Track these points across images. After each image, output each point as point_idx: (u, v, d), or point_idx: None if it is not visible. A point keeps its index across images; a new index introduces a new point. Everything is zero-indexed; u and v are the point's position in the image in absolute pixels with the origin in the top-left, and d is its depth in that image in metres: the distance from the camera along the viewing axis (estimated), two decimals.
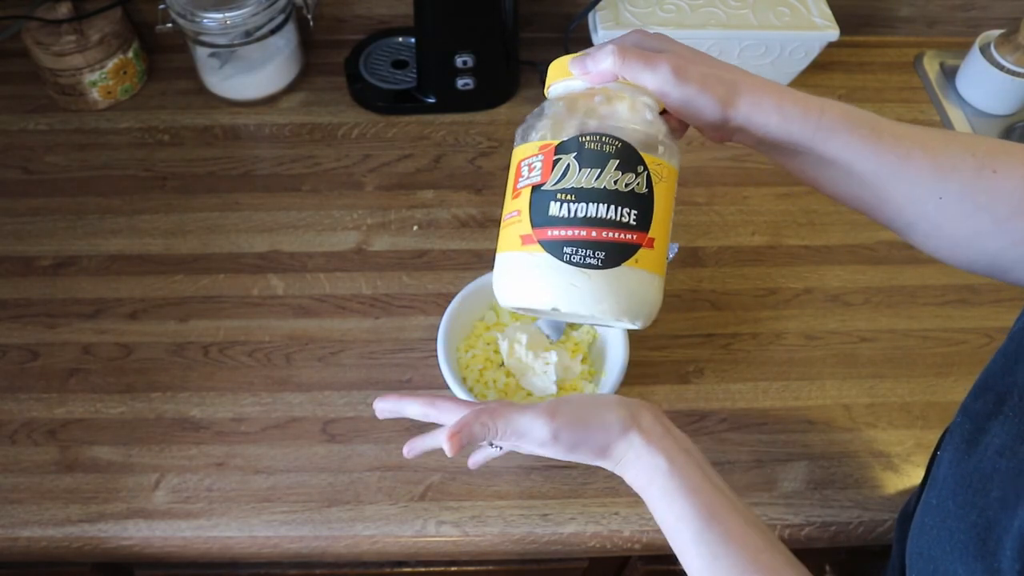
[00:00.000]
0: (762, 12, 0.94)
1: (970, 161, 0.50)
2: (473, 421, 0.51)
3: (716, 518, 0.49)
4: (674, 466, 0.51)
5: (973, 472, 0.43)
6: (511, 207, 0.50)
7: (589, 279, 0.47)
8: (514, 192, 0.50)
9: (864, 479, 0.71)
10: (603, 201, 0.47)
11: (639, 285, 0.48)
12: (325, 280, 0.82)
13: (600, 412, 0.52)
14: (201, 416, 0.73)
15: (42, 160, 0.91)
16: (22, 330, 0.78)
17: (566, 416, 0.52)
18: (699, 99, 0.49)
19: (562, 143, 0.48)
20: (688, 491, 0.50)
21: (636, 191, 0.47)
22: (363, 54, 1.01)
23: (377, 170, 0.91)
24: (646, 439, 0.51)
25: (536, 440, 0.51)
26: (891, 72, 1.04)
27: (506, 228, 0.50)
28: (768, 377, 0.77)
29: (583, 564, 0.78)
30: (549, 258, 0.47)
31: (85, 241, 0.84)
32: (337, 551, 0.67)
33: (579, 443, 0.51)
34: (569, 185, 0.47)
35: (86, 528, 0.66)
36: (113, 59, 0.94)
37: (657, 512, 0.52)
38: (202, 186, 0.89)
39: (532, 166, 0.49)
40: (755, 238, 0.87)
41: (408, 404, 0.56)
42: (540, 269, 0.47)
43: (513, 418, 0.52)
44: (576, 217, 0.46)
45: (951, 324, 0.81)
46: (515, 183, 0.50)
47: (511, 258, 0.49)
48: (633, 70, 0.48)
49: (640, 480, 0.52)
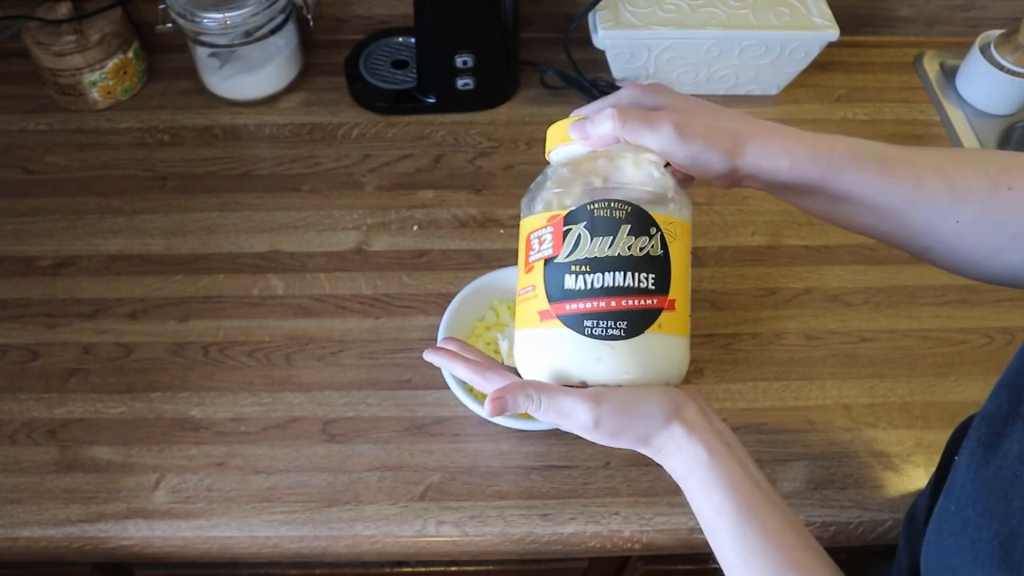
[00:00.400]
0: (762, 12, 0.94)
1: (984, 181, 0.49)
2: (519, 390, 0.51)
3: (753, 513, 0.49)
4: (714, 458, 0.50)
5: (993, 479, 0.42)
6: (525, 282, 0.49)
7: (613, 350, 0.46)
8: (527, 266, 0.49)
9: (864, 479, 0.71)
10: (619, 269, 0.46)
11: (664, 349, 0.48)
12: (325, 280, 0.82)
13: (644, 401, 0.51)
14: (201, 416, 0.73)
15: (42, 160, 0.91)
16: (22, 330, 0.78)
17: (610, 403, 0.51)
18: (705, 154, 0.48)
19: (570, 213, 0.47)
20: (727, 484, 0.50)
21: (651, 254, 0.46)
22: (363, 54, 1.01)
23: (377, 170, 0.91)
24: (687, 430, 0.51)
25: (578, 424, 0.51)
26: (891, 72, 1.04)
27: (523, 304, 0.49)
28: (768, 377, 0.77)
29: (583, 564, 0.78)
30: (570, 333, 0.46)
31: (85, 241, 0.84)
32: (337, 551, 0.67)
33: (621, 431, 0.51)
34: (582, 256, 0.46)
35: (86, 528, 0.66)
36: (113, 59, 0.94)
37: (695, 504, 0.51)
38: (202, 186, 0.89)
39: (542, 239, 0.48)
40: (755, 238, 0.87)
41: (458, 366, 0.56)
42: (562, 346, 0.47)
43: (558, 397, 0.51)
44: (593, 288, 0.46)
45: (951, 324, 0.81)
46: (527, 257, 0.49)
47: (531, 336, 0.49)
48: (634, 132, 0.48)
49: (679, 471, 0.52)
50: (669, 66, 0.95)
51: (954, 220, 0.50)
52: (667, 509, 0.68)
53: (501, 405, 0.51)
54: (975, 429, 0.46)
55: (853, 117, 0.99)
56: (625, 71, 0.96)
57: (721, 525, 0.49)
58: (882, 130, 0.96)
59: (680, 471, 0.52)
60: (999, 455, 0.43)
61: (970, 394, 0.76)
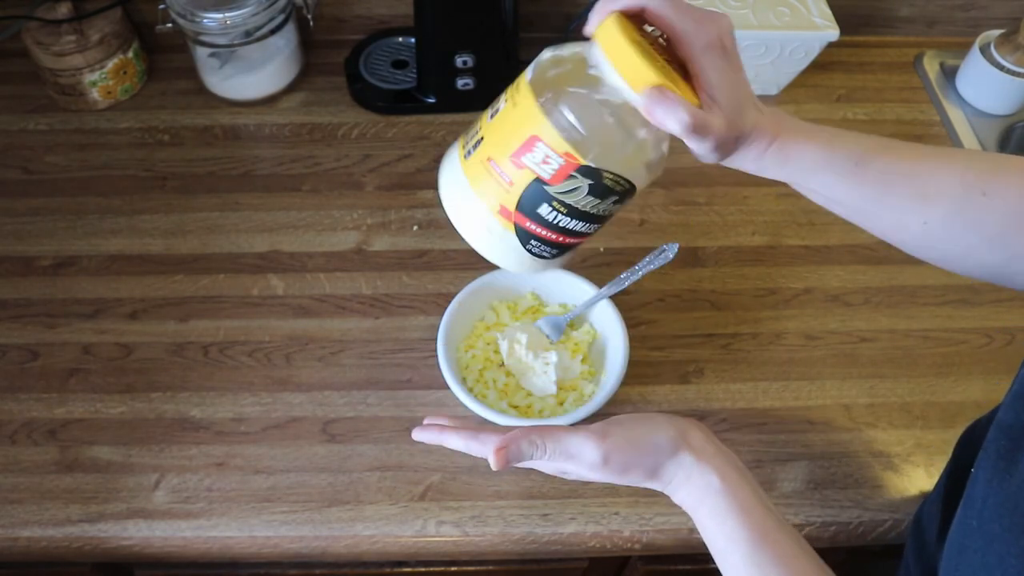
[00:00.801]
0: (762, 12, 0.93)
1: (957, 185, 0.50)
2: (522, 438, 0.51)
3: (768, 540, 0.48)
4: (726, 485, 0.50)
5: (1017, 493, 0.41)
6: (509, 167, 0.48)
7: (529, 263, 0.51)
8: (517, 160, 0.47)
9: (864, 479, 0.71)
10: (586, 220, 0.49)
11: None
12: (325, 280, 0.82)
13: (650, 433, 0.52)
14: (201, 416, 0.73)
15: (42, 160, 0.91)
16: (22, 330, 0.78)
17: (616, 438, 0.51)
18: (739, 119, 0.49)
19: (587, 168, 0.47)
20: (740, 511, 0.49)
21: (609, 216, 0.50)
22: (363, 54, 1.01)
23: (377, 170, 0.91)
24: (697, 458, 0.51)
25: (586, 463, 0.51)
26: (891, 72, 1.04)
27: (489, 176, 0.49)
28: (768, 377, 0.77)
29: (583, 564, 0.78)
30: (512, 240, 0.50)
31: (85, 241, 0.84)
32: (337, 551, 0.67)
33: (630, 465, 0.51)
34: (569, 201, 0.48)
35: (86, 528, 0.66)
36: (113, 59, 0.94)
37: (707, 533, 0.51)
38: (202, 186, 0.89)
39: (549, 159, 0.47)
40: (755, 238, 0.87)
41: (449, 437, 0.55)
42: (499, 240, 0.50)
43: (563, 438, 0.51)
44: (558, 225, 0.49)
45: (951, 324, 0.81)
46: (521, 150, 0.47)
47: (479, 209, 0.50)
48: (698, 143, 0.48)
49: (690, 500, 0.51)
50: None
51: (921, 221, 0.51)
52: (667, 509, 0.68)
53: (506, 456, 0.51)
54: (992, 441, 0.45)
55: (853, 117, 0.99)
56: None
57: (734, 553, 0.49)
58: (882, 130, 0.96)
59: (691, 501, 0.51)
60: (1021, 468, 0.42)
61: (970, 394, 0.76)
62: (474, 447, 0.54)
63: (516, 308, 0.77)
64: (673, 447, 0.51)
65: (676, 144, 0.49)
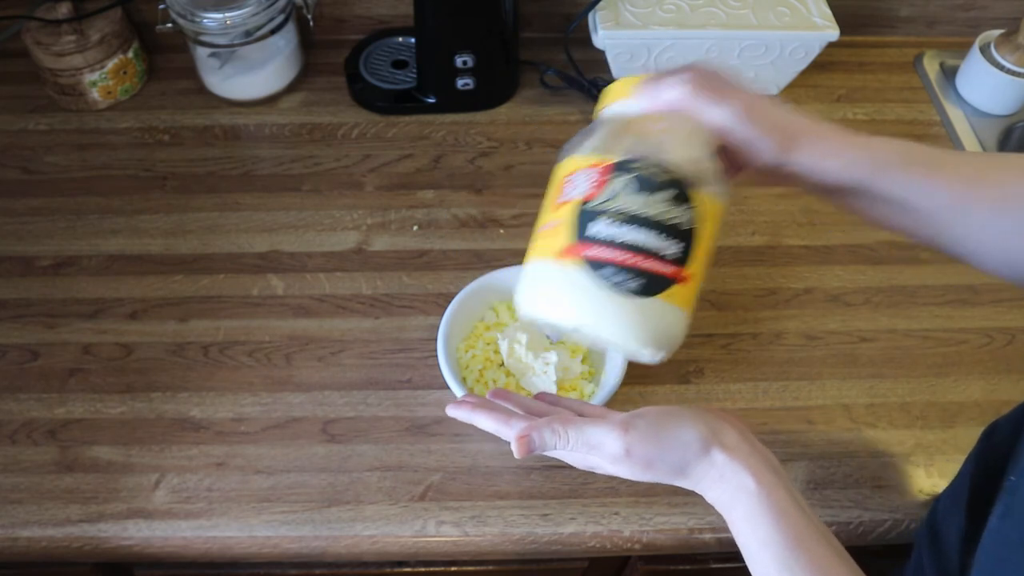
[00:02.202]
0: (762, 12, 0.94)
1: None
2: (545, 426, 0.50)
3: (803, 546, 0.47)
4: (761, 487, 0.48)
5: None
6: (549, 217, 0.48)
7: (621, 305, 0.46)
8: (555, 205, 0.48)
9: (864, 479, 0.71)
10: (648, 229, 0.46)
11: (668, 319, 0.47)
12: (325, 280, 0.82)
13: (677, 428, 0.50)
14: (201, 416, 0.73)
15: (42, 160, 0.91)
16: (22, 330, 0.78)
17: (640, 431, 0.49)
18: (760, 142, 0.48)
19: (616, 163, 0.47)
20: (775, 515, 0.47)
21: (680, 225, 0.46)
22: (363, 54, 1.01)
23: (377, 170, 0.91)
24: (730, 457, 0.49)
25: (608, 454, 0.49)
26: (891, 72, 1.04)
27: (542, 239, 0.49)
28: (768, 377, 0.77)
29: (583, 564, 0.78)
30: (585, 275, 0.46)
31: (85, 241, 0.84)
32: (337, 551, 0.67)
33: (654, 460, 0.49)
34: (616, 207, 0.46)
35: (86, 528, 0.66)
36: (113, 59, 0.94)
37: (740, 535, 0.49)
38: (202, 186, 0.89)
39: (580, 181, 0.47)
40: (755, 238, 0.87)
41: (480, 417, 0.54)
42: (574, 285, 0.46)
43: (585, 429, 0.50)
44: (619, 241, 0.46)
45: (951, 324, 0.81)
46: (558, 195, 0.49)
47: (543, 268, 0.48)
48: (703, 102, 0.47)
49: (723, 501, 0.50)
50: (669, 66, 0.95)
51: (1000, 226, 0.49)
52: (667, 509, 0.68)
53: (527, 443, 0.50)
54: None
55: (853, 117, 0.99)
56: (625, 71, 0.96)
57: (768, 558, 0.47)
58: (882, 130, 0.96)
59: (724, 501, 0.50)
60: None
61: (970, 394, 0.76)
62: (503, 431, 0.53)
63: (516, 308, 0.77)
64: (703, 445, 0.49)
65: None
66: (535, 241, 0.50)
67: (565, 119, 0.97)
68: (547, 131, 0.96)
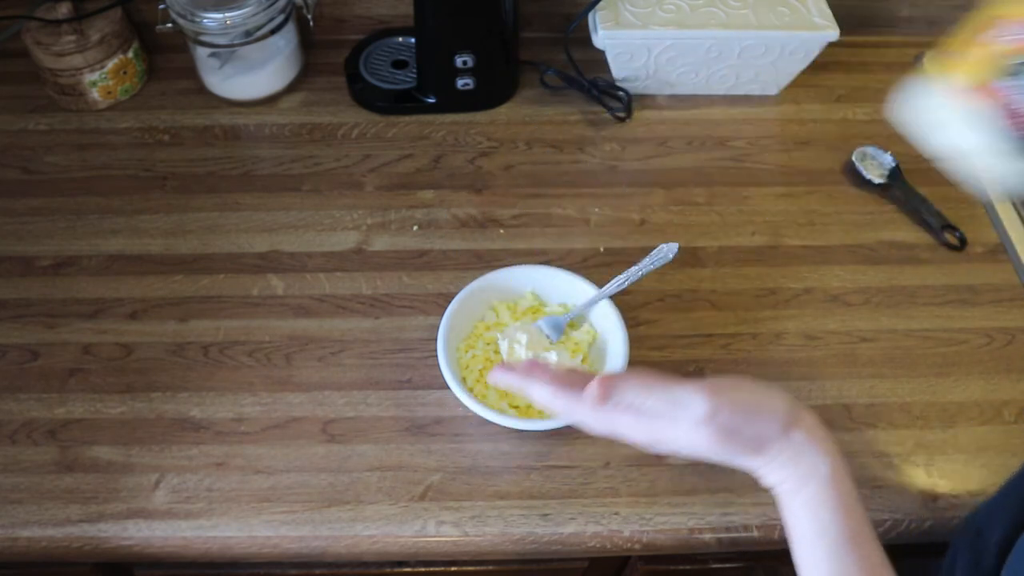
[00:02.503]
0: (762, 12, 0.93)
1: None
2: (629, 374, 0.48)
3: (856, 542, 0.46)
4: (835, 474, 0.47)
5: None
6: (967, 48, 0.45)
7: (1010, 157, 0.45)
8: (976, 40, 0.45)
9: (864, 479, 0.71)
10: None
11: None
12: (325, 280, 0.82)
13: (765, 399, 0.48)
14: (201, 416, 0.73)
15: (42, 160, 0.91)
16: (22, 330, 0.78)
17: (728, 396, 0.47)
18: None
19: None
20: (840, 506, 0.46)
21: None
22: (363, 54, 1.01)
23: (377, 170, 0.91)
24: (809, 437, 0.47)
25: (691, 416, 0.47)
26: (891, 72, 1.04)
27: (952, 62, 0.46)
28: (768, 377, 0.77)
29: (583, 564, 0.78)
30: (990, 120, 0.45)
31: (85, 241, 0.84)
32: (337, 551, 0.67)
33: (736, 430, 0.47)
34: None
35: (86, 528, 0.66)
36: (113, 59, 0.94)
37: (797, 521, 0.48)
38: (202, 186, 0.89)
39: (1014, 31, 0.45)
40: (755, 238, 0.87)
41: (537, 388, 0.52)
42: (977, 124, 0.45)
43: (671, 385, 0.48)
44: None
45: (951, 324, 0.81)
46: (982, 30, 0.46)
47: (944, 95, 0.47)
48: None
49: (790, 482, 0.48)
50: (669, 66, 0.95)
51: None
52: (667, 509, 0.68)
53: (608, 393, 0.47)
54: None
55: (853, 117, 0.99)
56: (625, 71, 0.96)
57: (823, 548, 0.46)
58: (882, 130, 0.96)
59: (791, 482, 0.48)
60: None
61: (970, 394, 0.76)
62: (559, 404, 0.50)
63: (516, 308, 0.77)
64: (786, 422, 0.47)
65: (679, 144, 0.49)
66: (942, 60, 0.47)
67: (565, 119, 0.97)
68: (547, 131, 0.96)
